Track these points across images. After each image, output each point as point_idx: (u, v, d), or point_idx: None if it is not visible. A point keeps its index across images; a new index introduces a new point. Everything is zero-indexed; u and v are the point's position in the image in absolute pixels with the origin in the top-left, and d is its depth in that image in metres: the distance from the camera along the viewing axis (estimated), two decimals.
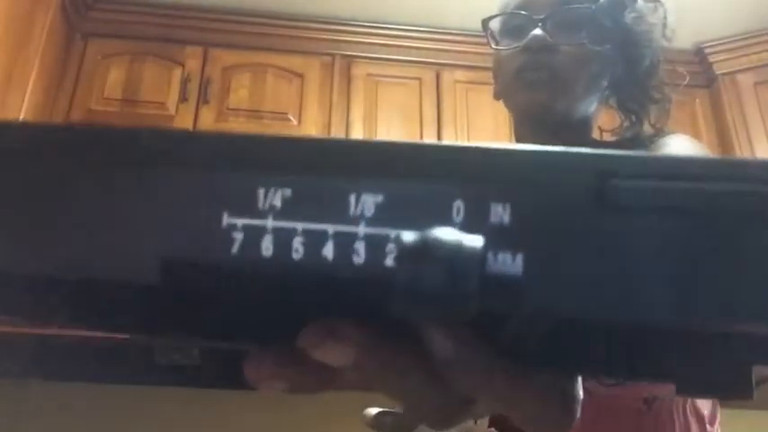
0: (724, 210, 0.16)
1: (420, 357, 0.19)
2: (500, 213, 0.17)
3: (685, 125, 2.19)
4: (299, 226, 0.17)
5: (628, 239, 0.16)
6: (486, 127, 2.02)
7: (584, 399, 0.21)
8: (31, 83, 1.83)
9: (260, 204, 0.18)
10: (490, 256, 0.16)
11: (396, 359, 0.19)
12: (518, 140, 0.80)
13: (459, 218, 0.17)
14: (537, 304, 0.16)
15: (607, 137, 0.83)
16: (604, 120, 0.82)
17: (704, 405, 0.69)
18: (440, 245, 0.16)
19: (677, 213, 0.16)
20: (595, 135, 0.80)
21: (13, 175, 0.19)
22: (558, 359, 0.20)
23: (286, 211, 0.18)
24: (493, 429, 0.67)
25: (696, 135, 2.18)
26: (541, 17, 0.72)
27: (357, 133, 2.08)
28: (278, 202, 0.18)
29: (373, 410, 0.69)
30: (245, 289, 0.18)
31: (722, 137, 2.20)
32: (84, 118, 1.99)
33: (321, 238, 0.17)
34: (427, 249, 0.16)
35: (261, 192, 0.18)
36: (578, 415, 0.21)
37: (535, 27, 0.72)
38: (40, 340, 1.60)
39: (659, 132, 0.76)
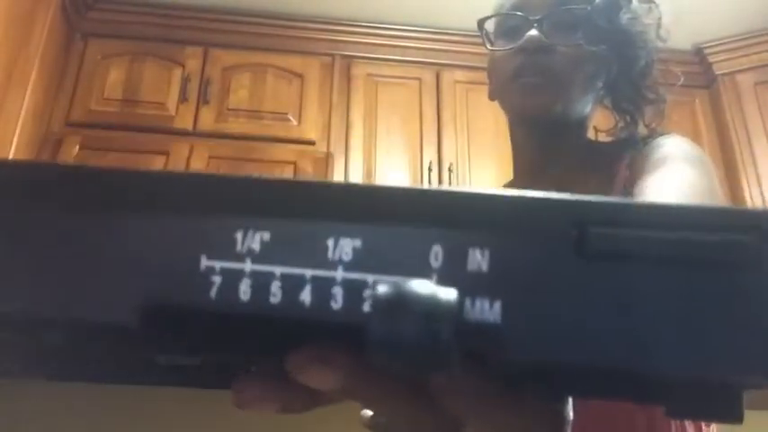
0: (700, 258, 0.16)
1: (408, 381, 0.19)
2: (478, 260, 0.17)
3: (685, 125, 2.19)
4: (278, 270, 0.17)
5: (606, 287, 0.16)
6: (486, 127, 2.02)
7: (578, 400, 0.21)
8: (31, 83, 1.83)
9: (238, 247, 0.18)
10: (468, 302, 0.16)
11: (384, 383, 0.19)
12: (513, 142, 0.80)
13: (437, 263, 0.17)
14: (516, 351, 0.16)
15: (602, 137, 0.83)
16: (600, 120, 0.82)
17: None
18: (414, 299, 0.16)
19: (654, 261, 0.16)
20: (590, 135, 0.80)
21: None
22: (548, 381, 0.20)
23: (264, 255, 0.17)
24: None
25: (696, 135, 2.18)
26: (537, 18, 0.73)
27: (357, 133, 2.08)
28: (256, 245, 0.17)
29: (370, 411, 0.69)
30: (224, 331, 0.18)
31: (722, 137, 2.20)
32: (84, 118, 1.99)
33: (299, 282, 0.17)
34: (402, 304, 0.16)
35: (239, 234, 0.18)
36: None
37: (531, 28, 0.72)
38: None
39: (654, 133, 0.76)
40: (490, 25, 0.80)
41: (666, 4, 0.80)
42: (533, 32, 0.72)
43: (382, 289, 0.16)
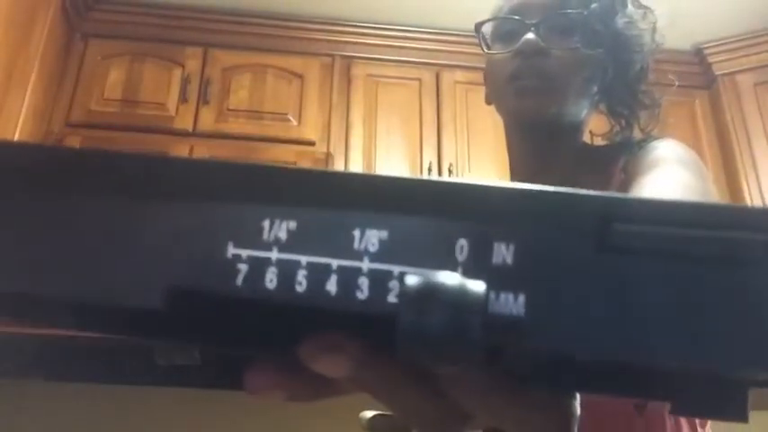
0: (719, 255, 0.16)
1: (419, 372, 0.19)
2: (503, 253, 0.17)
3: (685, 126, 2.19)
4: (303, 259, 0.17)
5: (628, 282, 0.16)
6: (485, 128, 2.02)
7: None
8: (31, 83, 1.83)
9: (265, 236, 0.18)
10: (492, 295, 0.17)
11: (394, 373, 0.19)
12: (509, 145, 0.81)
13: (462, 256, 0.17)
14: (538, 344, 0.16)
15: (598, 141, 0.83)
16: (596, 125, 0.83)
17: None
18: (444, 291, 0.16)
19: (676, 257, 0.16)
20: (586, 140, 0.81)
21: (22, 199, 0.19)
22: (556, 377, 0.20)
23: (290, 244, 0.18)
24: None
25: (695, 136, 2.18)
26: (534, 22, 0.73)
27: (357, 134, 2.08)
28: (283, 234, 0.18)
29: (369, 413, 0.69)
30: (248, 318, 0.18)
31: (721, 137, 2.20)
32: (84, 118, 1.99)
33: (325, 271, 0.17)
34: (432, 295, 0.16)
35: (266, 223, 0.18)
36: None
37: (528, 31, 0.73)
38: (40, 340, 1.60)
39: (649, 136, 0.76)
40: (487, 29, 0.80)
41: (666, 4, 0.80)
42: (530, 36, 0.72)
43: (411, 280, 0.17)
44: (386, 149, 2.07)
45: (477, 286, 0.16)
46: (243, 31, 2.20)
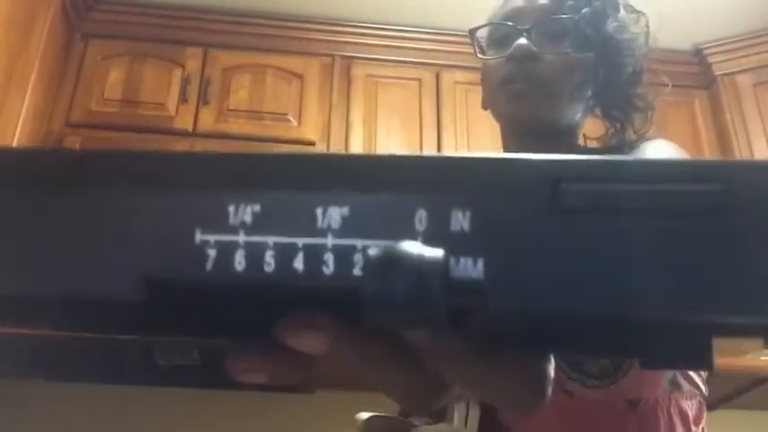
0: (662, 208, 0.17)
1: (393, 344, 0.20)
2: (460, 220, 0.18)
3: (684, 126, 2.19)
4: (270, 240, 0.18)
5: (580, 239, 0.17)
6: (485, 128, 2.02)
7: (568, 401, 0.22)
8: (31, 83, 1.83)
9: (231, 220, 0.18)
10: (452, 261, 0.17)
11: (370, 346, 0.20)
12: (505, 149, 0.82)
13: (422, 227, 0.18)
14: (499, 305, 0.17)
15: (592, 144, 0.85)
16: (591, 129, 0.84)
17: (689, 405, 0.69)
18: (404, 258, 0.17)
19: (624, 212, 0.17)
20: (580, 143, 0.82)
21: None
22: (528, 339, 0.21)
23: (256, 226, 0.18)
24: None
25: (695, 136, 2.19)
26: (526, 27, 0.75)
27: (357, 134, 2.08)
28: (248, 218, 0.18)
29: (365, 415, 0.69)
30: (221, 302, 0.19)
31: (721, 138, 2.20)
32: (84, 118, 1.99)
33: (291, 250, 0.18)
34: (393, 263, 0.17)
35: (231, 208, 0.18)
36: (549, 394, 0.22)
37: (520, 37, 0.75)
38: (40, 340, 1.60)
39: (641, 138, 0.78)
40: (482, 35, 0.82)
41: (666, 4, 0.81)
42: (522, 41, 0.74)
43: (373, 251, 0.17)
44: (386, 150, 2.07)
45: (436, 252, 0.17)
46: (243, 31, 2.20)
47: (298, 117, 2.08)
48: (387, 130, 2.10)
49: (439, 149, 2.08)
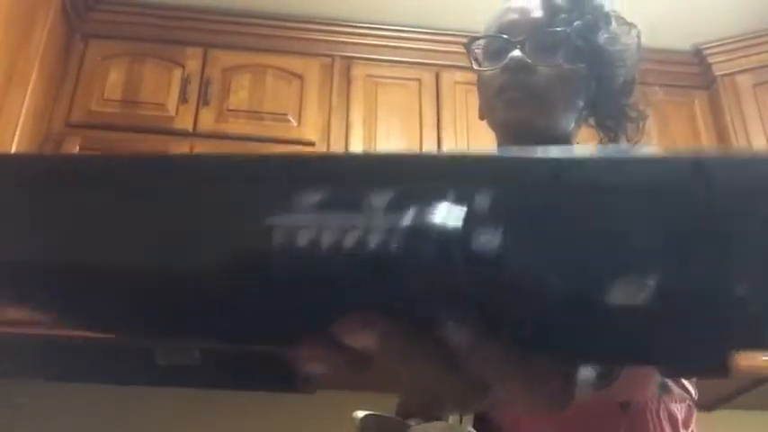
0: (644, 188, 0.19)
1: (439, 345, 0.22)
2: (482, 204, 0.20)
3: (684, 126, 2.20)
4: (331, 222, 0.21)
5: (574, 219, 0.20)
6: (485, 128, 2.02)
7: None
8: (31, 84, 1.83)
9: (296, 208, 0.21)
10: (474, 236, 0.20)
11: (417, 345, 0.23)
12: None
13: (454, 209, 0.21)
14: (513, 276, 0.20)
15: None
16: (585, 138, 0.86)
17: (678, 408, 0.70)
18: (428, 228, 0.20)
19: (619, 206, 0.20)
20: None
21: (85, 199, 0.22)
22: (558, 349, 0.23)
23: (317, 212, 0.21)
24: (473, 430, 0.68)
25: (695, 136, 2.19)
26: (520, 39, 0.78)
27: (357, 134, 2.09)
28: (312, 203, 0.21)
29: (361, 413, 0.70)
30: (283, 283, 0.22)
31: (721, 138, 2.20)
32: (84, 119, 1.99)
33: (344, 231, 0.21)
34: (419, 232, 0.20)
35: (295, 198, 0.21)
36: (575, 398, 0.24)
37: (514, 49, 0.77)
38: (40, 340, 1.60)
39: (632, 147, 0.81)
40: (477, 48, 0.85)
41: (666, 4, 0.82)
42: (516, 53, 0.77)
43: (405, 221, 0.20)
44: (385, 149, 2.07)
45: (457, 220, 0.20)
46: (243, 31, 2.21)
47: (298, 117, 2.08)
48: (387, 130, 2.11)
49: (439, 149, 2.08)
